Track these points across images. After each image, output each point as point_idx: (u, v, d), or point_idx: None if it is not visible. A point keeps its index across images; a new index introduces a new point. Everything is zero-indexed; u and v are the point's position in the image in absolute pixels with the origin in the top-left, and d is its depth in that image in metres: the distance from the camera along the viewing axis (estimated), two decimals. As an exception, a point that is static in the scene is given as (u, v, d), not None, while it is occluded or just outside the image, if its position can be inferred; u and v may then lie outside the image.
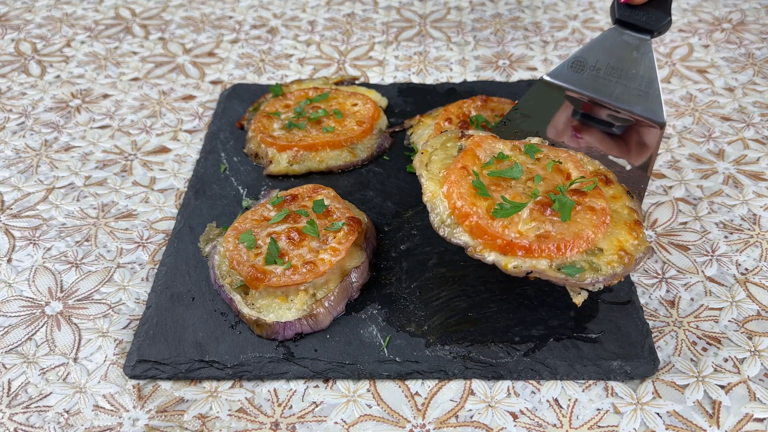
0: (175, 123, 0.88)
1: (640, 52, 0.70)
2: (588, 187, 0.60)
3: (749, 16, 1.10)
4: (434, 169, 0.62)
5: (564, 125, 0.71)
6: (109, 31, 1.08)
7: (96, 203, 0.76)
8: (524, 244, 0.55)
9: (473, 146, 0.63)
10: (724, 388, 0.58)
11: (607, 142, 0.69)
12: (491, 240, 0.56)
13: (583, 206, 0.59)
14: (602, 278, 0.55)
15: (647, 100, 0.69)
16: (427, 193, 0.60)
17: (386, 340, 0.60)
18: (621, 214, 0.60)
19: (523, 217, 0.58)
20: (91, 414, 0.57)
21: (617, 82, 0.71)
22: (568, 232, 0.57)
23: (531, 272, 0.55)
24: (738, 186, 0.77)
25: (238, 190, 0.76)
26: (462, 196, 0.58)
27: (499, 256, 0.56)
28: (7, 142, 0.85)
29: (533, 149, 0.64)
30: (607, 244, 0.57)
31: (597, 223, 0.57)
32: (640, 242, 0.58)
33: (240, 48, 1.03)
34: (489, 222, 0.57)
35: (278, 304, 0.61)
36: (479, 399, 0.58)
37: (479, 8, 1.13)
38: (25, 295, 0.66)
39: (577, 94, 0.72)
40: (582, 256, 0.56)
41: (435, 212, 0.59)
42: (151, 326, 0.61)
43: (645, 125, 0.69)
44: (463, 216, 0.57)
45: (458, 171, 0.60)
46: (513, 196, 0.59)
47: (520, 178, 0.61)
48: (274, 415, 0.57)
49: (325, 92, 0.84)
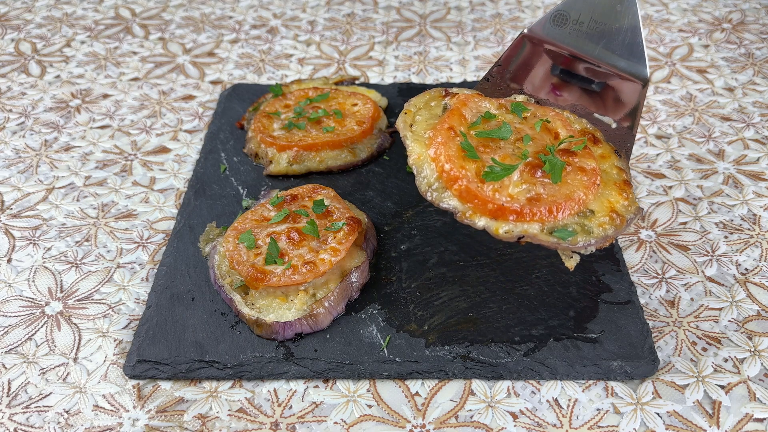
0: (175, 123, 0.88)
1: (624, 5, 0.68)
2: (578, 147, 0.59)
3: (749, 16, 1.10)
4: (419, 129, 0.60)
5: (544, 81, 0.69)
6: (109, 31, 1.08)
7: (96, 203, 0.76)
8: (515, 208, 0.54)
9: (459, 105, 0.61)
10: (724, 388, 0.58)
11: (588, 99, 0.68)
12: (482, 205, 0.55)
13: (573, 167, 0.58)
14: (594, 240, 0.54)
15: (630, 56, 0.68)
16: (413, 156, 0.58)
17: (386, 340, 0.60)
18: (610, 174, 0.59)
19: (514, 179, 0.56)
20: (91, 414, 0.57)
21: (600, 36, 0.69)
22: (560, 194, 0.55)
23: (522, 237, 0.54)
24: (738, 186, 0.77)
25: (238, 190, 0.76)
26: (450, 159, 0.56)
27: (489, 221, 0.55)
28: (7, 142, 0.85)
29: (520, 108, 0.62)
30: (598, 205, 0.56)
31: (588, 184, 0.56)
32: (630, 202, 0.57)
33: (240, 48, 1.03)
34: (479, 186, 0.55)
35: (278, 304, 0.61)
36: (479, 399, 0.58)
37: (479, 8, 1.13)
38: (25, 295, 0.66)
39: (559, 49, 0.70)
40: (573, 219, 0.55)
41: (422, 175, 0.57)
42: (151, 326, 0.61)
43: (628, 81, 0.67)
44: (451, 180, 0.56)
45: (445, 132, 0.58)
46: (502, 157, 0.58)
47: (509, 138, 0.59)
48: (274, 415, 0.57)
49: (325, 92, 0.84)
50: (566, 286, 0.64)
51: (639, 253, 0.70)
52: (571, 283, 0.65)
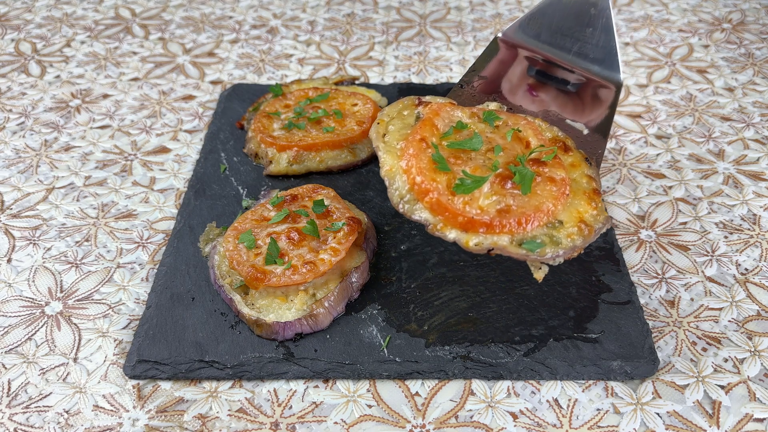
0: (175, 123, 0.88)
1: (598, 8, 0.67)
2: (548, 157, 0.59)
3: (749, 16, 1.10)
4: (392, 140, 0.60)
5: (520, 81, 0.69)
6: (109, 31, 1.08)
7: (96, 203, 0.76)
8: (485, 221, 0.54)
9: (431, 115, 0.61)
10: (724, 388, 0.58)
11: (563, 102, 0.67)
12: (452, 217, 0.55)
13: (543, 177, 0.58)
14: (562, 252, 0.54)
15: (604, 60, 0.67)
16: (385, 167, 0.58)
17: (386, 340, 0.60)
18: (580, 183, 0.59)
19: (484, 191, 0.56)
20: (91, 414, 0.57)
21: (574, 40, 0.68)
22: (529, 205, 0.55)
23: (492, 249, 0.54)
24: (738, 186, 0.77)
25: (238, 190, 0.76)
26: (421, 171, 0.56)
27: (460, 234, 0.55)
28: (7, 142, 0.85)
29: (492, 116, 0.62)
30: (566, 215, 0.56)
31: (557, 194, 0.56)
32: (599, 212, 0.57)
33: (240, 48, 1.03)
34: (450, 198, 0.55)
35: (278, 304, 0.61)
36: (479, 399, 0.58)
37: (479, 8, 1.13)
38: (25, 295, 0.66)
39: (533, 53, 0.70)
40: (542, 230, 0.55)
41: (393, 187, 0.57)
42: (151, 326, 0.61)
43: (601, 85, 0.67)
44: (423, 192, 0.56)
45: (417, 143, 0.58)
46: (473, 168, 0.58)
47: (480, 149, 0.59)
48: (274, 415, 0.57)
49: (325, 92, 0.84)
50: (566, 286, 0.64)
51: (639, 253, 0.70)
52: (571, 283, 0.65)
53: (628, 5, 1.14)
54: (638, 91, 0.93)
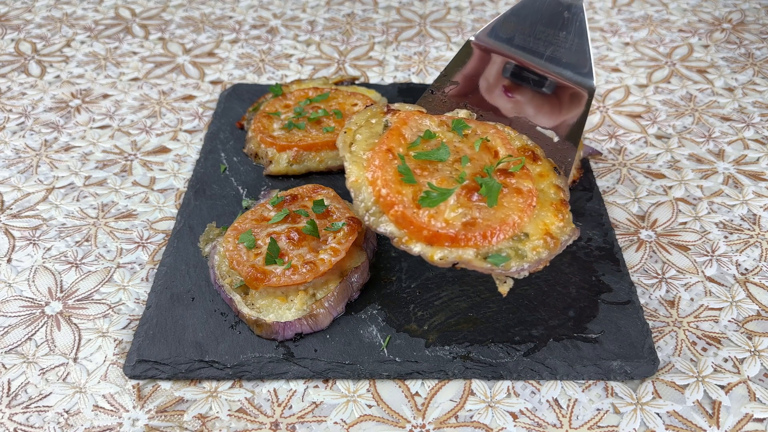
0: (175, 123, 0.88)
1: (572, 12, 0.66)
2: (515, 167, 0.58)
3: (749, 16, 1.10)
4: (358, 150, 0.59)
5: (496, 82, 0.68)
6: (109, 31, 1.08)
7: (96, 203, 0.76)
8: (451, 234, 0.53)
9: (399, 124, 0.60)
10: (724, 388, 0.58)
11: (539, 103, 0.66)
12: (417, 231, 0.54)
13: (510, 189, 0.57)
14: (527, 265, 0.54)
15: (577, 65, 0.66)
16: (351, 178, 0.57)
17: (386, 340, 0.60)
18: (547, 193, 0.58)
19: (450, 203, 0.55)
20: (90, 414, 0.57)
21: (547, 44, 0.67)
22: (495, 218, 0.55)
23: (457, 263, 0.53)
24: (738, 186, 0.77)
25: (238, 190, 0.76)
26: (387, 183, 0.55)
27: (425, 247, 0.54)
28: (7, 142, 0.85)
29: (461, 125, 0.61)
30: (532, 228, 0.56)
31: (523, 206, 0.56)
32: (566, 223, 0.56)
33: (240, 48, 1.03)
34: (415, 212, 0.54)
35: (278, 304, 0.61)
36: (479, 399, 0.58)
37: (479, 8, 1.13)
38: (24, 295, 0.66)
39: (506, 57, 0.69)
40: (508, 243, 0.54)
41: (359, 199, 0.56)
42: (151, 326, 0.61)
43: (574, 91, 0.66)
44: (388, 205, 0.55)
45: (383, 154, 0.57)
46: (440, 180, 0.57)
47: (447, 159, 0.59)
48: (273, 415, 0.57)
49: (325, 92, 0.84)
50: (566, 286, 0.64)
51: (639, 253, 0.70)
52: (571, 283, 0.65)
53: (628, 5, 1.14)
54: (638, 91, 0.93)
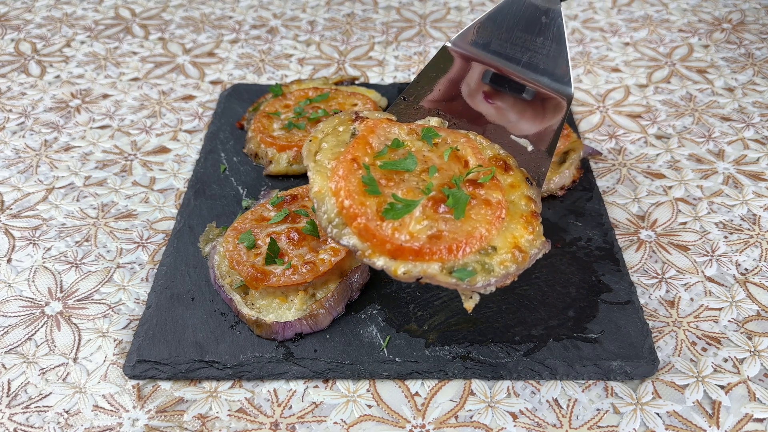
0: (175, 123, 0.88)
1: (549, 17, 0.64)
2: (485, 178, 0.56)
3: (749, 16, 1.10)
4: (323, 159, 0.57)
5: (476, 89, 0.66)
6: (109, 31, 1.08)
7: (96, 203, 0.76)
8: (415, 248, 0.51)
9: (366, 132, 0.58)
10: (723, 389, 0.58)
11: (522, 109, 0.64)
12: (380, 244, 0.52)
13: (479, 200, 0.55)
14: (494, 280, 0.51)
15: (555, 71, 0.64)
16: (314, 188, 0.55)
17: (386, 340, 0.60)
18: (518, 205, 0.56)
19: (416, 215, 0.53)
20: (90, 414, 0.57)
21: (524, 49, 0.65)
22: (461, 231, 0.52)
23: (421, 278, 0.51)
24: (738, 186, 0.77)
25: (238, 190, 0.76)
26: (350, 194, 0.53)
27: (388, 261, 0.51)
28: (7, 142, 0.85)
29: (431, 133, 0.59)
30: (501, 241, 0.53)
31: (491, 218, 0.53)
32: (536, 236, 0.55)
33: (240, 48, 1.03)
34: (378, 224, 0.52)
35: (278, 304, 0.61)
36: (479, 399, 0.58)
37: (479, 8, 1.13)
38: (24, 295, 0.66)
39: (482, 64, 0.66)
40: (474, 257, 0.52)
41: (322, 210, 0.54)
42: (151, 326, 0.61)
43: (551, 98, 0.64)
44: (351, 217, 0.53)
45: (347, 164, 0.55)
46: (406, 191, 0.55)
47: (415, 170, 0.56)
48: (273, 416, 0.57)
49: (325, 92, 0.84)
50: (566, 286, 0.64)
51: (639, 253, 0.70)
52: (571, 283, 0.65)
53: (628, 5, 1.14)
54: (638, 91, 0.93)
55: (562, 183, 0.74)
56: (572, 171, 0.75)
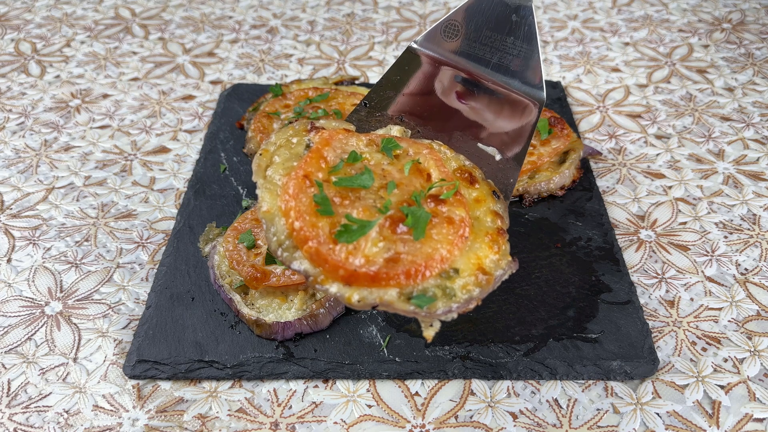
0: (175, 123, 0.88)
1: (520, 15, 0.60)
2: (448, 193, 0.52)
3: (749, 16, 1.10)
4: (274, 175, 0.52)
5: (449, 89, 0.62)
6: (109, 31, 1.08)
7: (96, 203, 0.76)
8: (370, 273, 0.47)
9: (321, 145, 0.54)
10: (723, 388, 0.58)
11: (498, 108, 0.61)
12: (333, 269, 0.48)
13: (440, 218, 0.51)
14: (456, 306, 0.48)
15: (525, 73, 0.60)
16: (263, 207, 0.50)
17: (386, 340, 0.60)
18: (483, 221, 0.53)
19: (372, 237, 0.49)
20: (90, 414, 0.57)
21: (494, 50, 0.61)
22: (421, 253, 0.48)
23: (377, 305, 0.47)
24: (738, 186, 0.77)
25: (238, 190, 0.76)
26: (301, 215, 0.49)
27: (342, 288, 0.47)
28: (7, 142, 0.85)
29: (391, 145, 0.55)
30: (463, 262, 0.50)
31: (454, 238, 0.50)
32: (501, 256, 0.51)
33: (240, 48, 1.03)
34: (330, 248, 0.48)
35: (278, 304, 0.61)
36: (479, 399, 0.58)
37: (479, 8, 1.13)
38: (24, 295, 0.66)
39: (449, 66, 0.62)
40: (435, 281, 0.48)
41: (271, 231, 0.50)
42: (151, 326, 0.61)
43: (522, 103, 0.60)
44: (302, 239, 0.48)
45: (298, 181, 0.51)
46: (362, 210, 0.50)
47: (372, 186, 0.52)
48: (273, 415, 0.57)
49: (325, 92, 0.84)
50: (566, 286, 0.64)
51: (639, 253, 0.70)
52: (571, 283, 0.65)
53: (628, 5, 1.14)
54: (638, 91, 0.93)
55: (562, 183, 0.74)
56: (572, 171, 0.75)
